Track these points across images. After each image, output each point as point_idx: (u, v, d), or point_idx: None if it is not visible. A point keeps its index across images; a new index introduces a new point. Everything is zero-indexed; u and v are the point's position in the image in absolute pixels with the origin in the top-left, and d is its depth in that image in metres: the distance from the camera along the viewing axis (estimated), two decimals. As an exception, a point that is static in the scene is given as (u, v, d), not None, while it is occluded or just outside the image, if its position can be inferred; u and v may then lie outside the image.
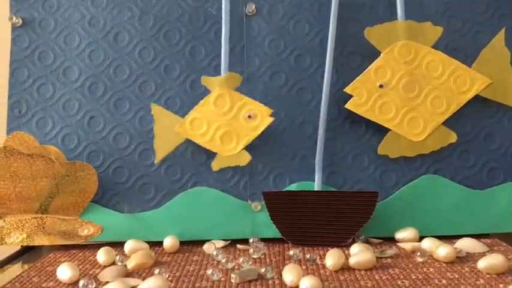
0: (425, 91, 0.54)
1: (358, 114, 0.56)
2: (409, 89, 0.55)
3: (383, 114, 0.55)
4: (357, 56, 0.57)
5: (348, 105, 0.55)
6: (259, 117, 0.54)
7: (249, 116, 0.54)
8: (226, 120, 0.54)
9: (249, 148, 0.56)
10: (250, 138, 0.55)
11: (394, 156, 0.56)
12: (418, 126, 0.55)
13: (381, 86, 0.54)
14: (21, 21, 0.58)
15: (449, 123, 0.56)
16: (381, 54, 0.55)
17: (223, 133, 0.54)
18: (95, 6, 0.59)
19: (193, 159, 0.57)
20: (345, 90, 0.56)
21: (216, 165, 0.55)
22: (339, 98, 0.57)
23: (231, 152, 0.55)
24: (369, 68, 0.56)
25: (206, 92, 0.57)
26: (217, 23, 0.58)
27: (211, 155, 0.57)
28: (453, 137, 0.55)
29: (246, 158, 0.55)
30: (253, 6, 0.58)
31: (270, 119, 0.55)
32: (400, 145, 0.55)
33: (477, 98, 0.56)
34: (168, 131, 0.55)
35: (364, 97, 0.55)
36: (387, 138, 0.55)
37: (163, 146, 0.56)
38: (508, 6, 0.58)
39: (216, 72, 0.58)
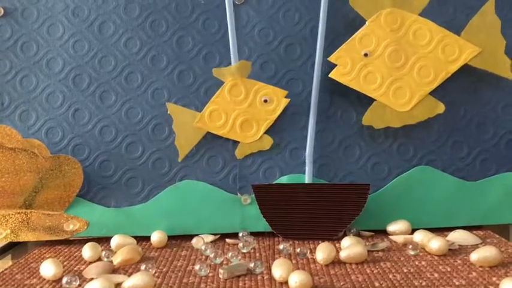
0: (412, 60, 0.53)
1: (349, 104, 0.55)
2: (395, 58, 0.53)
3: (368, 84, 0.53)
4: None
5: (331, 75, 0.54)
6: (275, 100, 0.54)
7: (265, 101, 0.54)
8: (244, 108, 0.54)
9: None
10: (269, 122, 0.55)
11: (379, 127, 0.54)
12: (404, 96, 0.53)
13: (365, 54, 0.53)
14: (2, 11, 0.57)
15: (441, 113, 0.55)
16: (366, 23, 0.54)
17: (242, 121, 0.54)
18: (78, -5, 0.57)
19: (182, 152, 0.56)
20: (328, 59, 0.54)
21: (239, 153, 0.55)
22: (330, 88, 0.55)
23: (253, 138, 0.55)
24: (353, 36, 0.54)
25: (195, 82, 0.56)
26: (205, 12, 0.57)
27: (199, 147, 0.56)
28: (441, 108, 0.54)
29: (268, 142, 0.55)
30: (242, -5, 0.57)
31: (286, 101, 0.54)
32: (385, 115, 0.54)
33: (470, 86, 0.55)
34: (188, 127, 0.55)
35: (348, 66, 0.53)
36: (372, 108, 0.54)
37: (185, 143, 0.55)
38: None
39: (206, 62, 0.56)
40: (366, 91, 0.54)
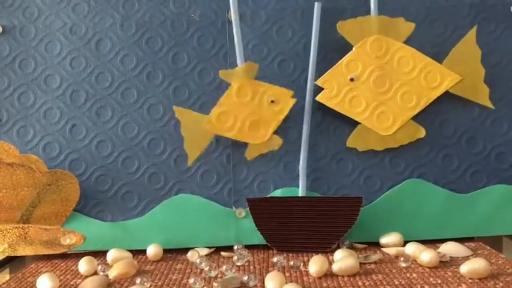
0: (396, 86, 0.55)
1: (342, 119, 0.56)
2: (380, 84, 0.55)
3: (353, 108, 0.55)
4: (339, 61, 0.57)
5: (318, 98, 0.55)
6: (281, 101, 0.55)
7: (272, 101, 0.55)
8: (251, 109, 0.55)
9: (233, 154, 0.56)
10: (277, 122, 0.55)
11: (363, 150, 0.56)
12: (387, 121, 0.55)
13: (351, 79, 0.54)
14: (1, 29, 0.58)
15: (432, 126, 0.56)
16: (353, 48, 0.56)
17: (250, 122, 0.55)
18: (76, 13, 0.58)
19: (177, 166, 0.57)
20: (315, 82, 0.56)
21: (249, 154, 0.56)
22: (323, 103, 0.56)
23: (262, 139, 0.55)
24: (340, 61, 0.56)
25: (189, 98, 0.57)
26: (199, 29, 0.58)
27: (195, 161, 0.57)
28: (422, 132, 0.56)
29: (277, 142, 0.55)
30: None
31: (293, 101, 0.55)
32: (369, 139, 0.55)
33: (460, 101, 0.57)
34: (196, 130, 0.55)
35: (334, 90, 0.55)
36: (356, 131, 0.56)
37: (194, 147, 0.55)
38: (490, 10, 0.58)
39: (200, 78, 0.57)
40: (351, 114, 0.55)
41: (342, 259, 0.46)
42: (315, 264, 0.46)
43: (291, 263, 0.48)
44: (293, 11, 0.58)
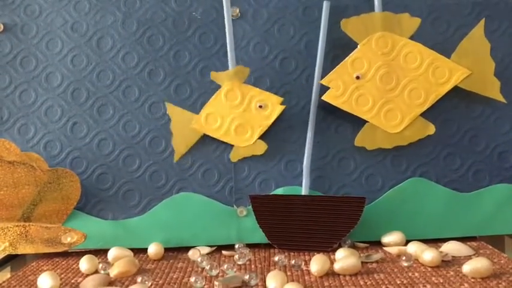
0: (403, 82, 0.54)
1: (344, 117, 0.56)
2: (387, 81, 0.54)
3: (360, 106, 0.54)
4: (342, 59, 0.57)
5: (324, 97, 0.55)
6: (270, 106, 0.55)
7: (260, 106, 0.55)
8: (239, 113, 0.55)
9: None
10: (263, 127, 0.55)
11: (371, 148, 0.55)
12: (395, 118, 0.54)
13: (357, 77, 0.54)
14: (2, 27, 0.58)
15: (434, 125, 0.56)
16: (358, 46, 0.55)
17: (237, 125, 0.55)
18: (77, 11, 0.58)
19: (178, 164, 0.56)
20: (320, 82, 0.55)
21: (234, 156, 0.56)
22: (325, 102, 0.56)
23: (247, 142, 0.55)
24: (345, 59, 0.55)
25: (191, 96, 0.57)
26: (201, 27, 0.58)
27: (195, 160, 0.56)
28: (431, 129, 0.55)
29: (262, 147, 0.56)
30: (237, 10, 0.57)
31: (281, 107, 0.55)
32: (377, 137, 0.55)
33: (462, 99, 0.56)
34: (185, 128, 0.56)
35: (340, 89, 0.54)
36: (364, 130, 0.55)
37: (181, 144, 0.56)
38: (493, 8, 0.57)
39: (202, 76, 0.57)
40: (358, 113, 0.55)
41: (344, 258, 0.46)
42: (317, 263, 0.45)
43: (292, 261, 0.48)
44: (295, 9, 0.58)
